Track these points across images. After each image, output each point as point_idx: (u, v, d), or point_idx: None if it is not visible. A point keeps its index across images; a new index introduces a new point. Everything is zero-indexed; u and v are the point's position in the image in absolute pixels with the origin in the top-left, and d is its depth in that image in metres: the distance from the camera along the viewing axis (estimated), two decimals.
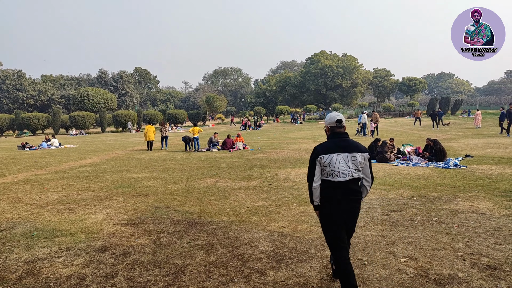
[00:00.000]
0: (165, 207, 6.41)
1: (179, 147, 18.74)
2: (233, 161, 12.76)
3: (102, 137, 35.66)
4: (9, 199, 7.37)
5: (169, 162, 13.06)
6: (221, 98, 68.06)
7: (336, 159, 3.01)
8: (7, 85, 62.66)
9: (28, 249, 4.46)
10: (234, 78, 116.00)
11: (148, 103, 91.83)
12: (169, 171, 10.72)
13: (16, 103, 62.38)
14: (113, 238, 4.83)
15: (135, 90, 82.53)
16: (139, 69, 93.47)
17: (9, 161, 14.94)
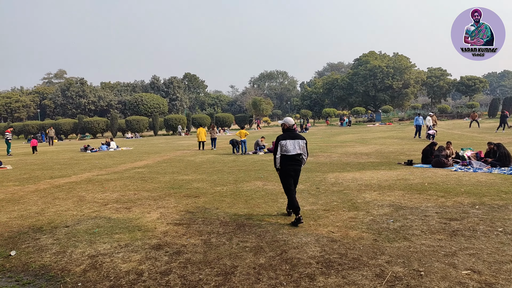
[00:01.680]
0: (215, 209, 6.57)
1: (226, 150, 19.13)
2: None
3: (155, 140, 37.44)
4: (74, 198, 7.99)
5: (217, 164, 13.38)
6: (267, 101, 68.46)
7: (288, 143, 5.63)
8: (71, 92, 68.09)
9: (91, 245, 4.80)
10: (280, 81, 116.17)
11: (197, 107, 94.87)
12: (218, 173, 10.97)
13: (79, 109, 67.54)
14: (167, 237, 5.05)
15: (185, 94, 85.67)
16: (188, 74, 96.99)
17: (73, 162, 16.20)
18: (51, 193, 8.57)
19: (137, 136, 45.46)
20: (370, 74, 58.50)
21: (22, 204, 7.45)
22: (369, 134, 29.68)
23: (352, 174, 9.78)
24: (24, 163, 16.11)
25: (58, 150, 25.83)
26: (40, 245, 4.83)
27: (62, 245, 4.80)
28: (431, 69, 63.79)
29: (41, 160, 17.66)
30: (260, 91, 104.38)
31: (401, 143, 19.42)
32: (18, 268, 4.09)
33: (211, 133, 21.18)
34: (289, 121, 5.94)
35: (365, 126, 46.11)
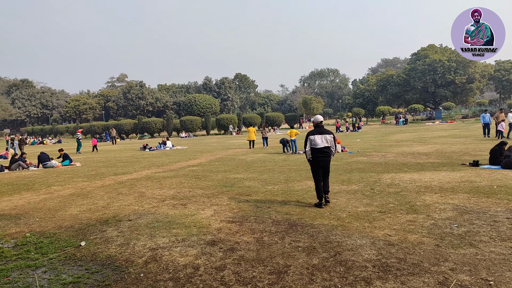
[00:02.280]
0: (266, 207, 6.61)
1: (277, 149, 19.17)
2: (331, 164, 12.44)
3: (207, 139, 38.61)
4: (135, 193, 8.52)
5: (268, 163, 13.45)
6: (318, 100, 67.41)
7: (316, 137, 6.50)
8: (131, 94, 72.58)
9: (151, 238, 5.08)
10: (331, 79, 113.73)
11: (247, 106, 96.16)
12: (269, 172, 11.03)
13: (138, 110, 71.77)
14: (221, 233, 5.19)
15: (236, 94, 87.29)
16: (239, 74, 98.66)
17: (133, 160, 17.26)
18: (115, 189, 9.22)
19: (191, 135, 47.21)
20: (429, 69, 55.08)
21: (90, 199, 8.10)
22: (428, 132, 27.97)
23: (409, 175, 9.30)
24: (91, 161, 17.49)
25: (120, 148, 27.68)
26: (106, 237, 5.22)
27: (125, 238, 5.14)
28: (499, 62, 58.55)
29: (105, 158, 19.05)
30: (311, 89, 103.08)
31: (465, 142, 18.05)
32: (87, 258, 4.45)
33: (262, 132, 21.88)
34: (318, 118, 6.88)
35: (424, 125, 43.54)
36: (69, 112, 75.97)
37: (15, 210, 7.28)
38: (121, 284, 3.66)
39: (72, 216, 6.57)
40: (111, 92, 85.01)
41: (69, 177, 11.95)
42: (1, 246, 5.02)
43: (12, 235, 5.54)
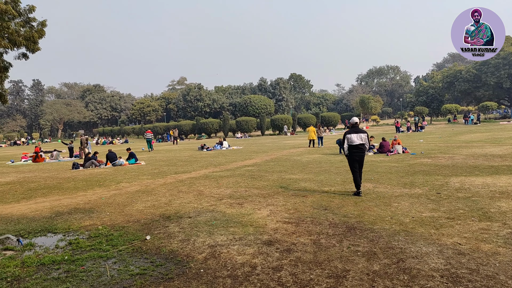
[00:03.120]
0: (323, 209, 6.49)
1: (333, 150, 18.74)
2: (392, 165, 11.91)
3: (262, 139, 38.97)
4: (194, 192, 8.87)
5: (324, 164, 13.20)
6: (376, 98, 64.68)
7: (353, 136, 7.56)
8: (190, 96, 75.75)
9: (210, 235, 5.25)
10: (391, 77, 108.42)
11: (302, 106, 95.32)
12: (325, 174, 10.82)
13: (196, 111, 74.69)
14: (277, 234, 5.20)
15: (290, 95, 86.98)
16: (294, 75, 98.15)
17: (192, 159, 18.00)
18: (176, 187, 9.68)
19: (246, 136, 47.99)
20: (504, 63, 50.08)
21: (154, 195, 8.59)
22: (503, 133, 25.43)
23: (482, 179, 8.53)
24: (154, 160, 18.56)
25: (180, 148, 29.03)
26: (169, 232, 5.49)
27: (186, 234, 5.37)
28: None
29: (167, 157, 20.10)
30: (368, 88, 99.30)
31: None
32: (152, 251, 4.72)
33: (317, 132, 22.23)
34: (353, 120, 7.96)
35: (497, 124, 39.69)
36: (135, 114, 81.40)
37: (89, 204, 7.97)
38: (183, 278, 3.82)
39: (138, 211, 7.02)
40: (171, 95, 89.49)
41: (135, 174, 12.79)
42: (77, 237, 5.52)
43: (86, 227, 6.06)
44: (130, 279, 3.87)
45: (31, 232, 5.88)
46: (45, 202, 8.47)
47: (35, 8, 10.94)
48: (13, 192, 10.20)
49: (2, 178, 13.48)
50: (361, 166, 7.71)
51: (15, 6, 10.42)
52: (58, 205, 7.95)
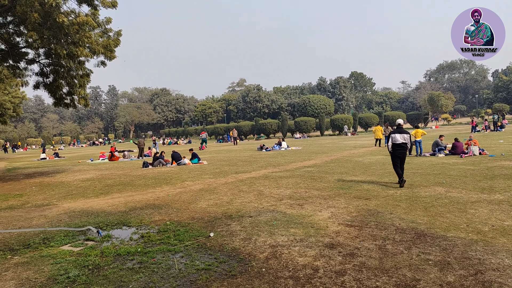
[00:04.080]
0: (388, 213, 6.19)
1: None
2: (467, 168, 10.96)
3: (321, 140, 38.29)
4: (254, 191, 9.00)
5: (388, 166, 12.58)
6: (447, 96, 59.94)
7: (397, 135, 8.71)
8: (249, 97, 77.12)
9: (271, 235, 5.28)
10: (465, 71, 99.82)
11: (364, 106, 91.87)
12: (389, 176, 10.31)
13: (255, 112, 75.79)
14: (339, 237, 5.07)
15: (351, 94, 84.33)
16: (354, 73, 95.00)
17: (252, 159, 18.29)
18: (236, 186, 9.92)
19: (305, 136, 47.51)
20: None
21: (216, 194, 8.89)
22: None
23: None
24: (216, 160, 19.21)
25: (239, 148, 29.68)
26: (231, 231, 5.64)
27: (247, 233, 5.47)
28: None
29: (227, 157, 20.69)
30: (438, 84, 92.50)
31: None
32: (215, 248, 4.88)
33: (384, 131, 22.10)
34: (398, 121, 9.27)
35: None
36: (197, 115, 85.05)
37: (157, 200, 8.50)
38: (246, 276, 3.90)
39: (202, 209, 7.32)
40: (231, 96, 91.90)
41: (198, 174, 13.36)
42: (148, 231, 5.92)
43: (156, 222, 6.47)
44: (196, 273, 4.05)
45: (109, 224, 6.43)
46: (120, 197, 9.21)
47: (111, 20, 12.00)
48: (93, 188, 11.25)
49: (83, 175, 14.94)
50: (402, 162, 8.92)
51: (94, 18, 11.50)
52: (131, 201, 8.60)
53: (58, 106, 14.12)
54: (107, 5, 11.51)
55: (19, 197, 10.10)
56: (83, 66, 12.65)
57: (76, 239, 5.63)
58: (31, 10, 9.55)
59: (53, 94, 13.46)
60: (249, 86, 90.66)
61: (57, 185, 12.38)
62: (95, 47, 11.31)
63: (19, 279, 4.11)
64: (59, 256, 4.82)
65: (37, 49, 12.39)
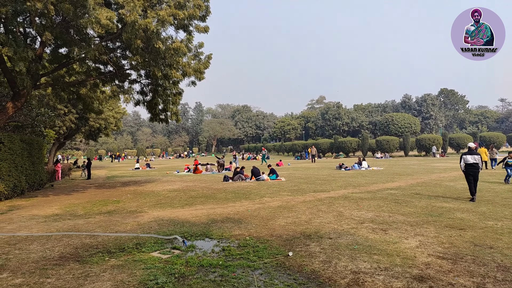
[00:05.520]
0: (488, 247, 5.50)
1: (497, 177, 15.74)
2: None
3: (405, 160, 35.78)
4: (334, 212, 8.76)
5: (485, 193, 11.23)
6: None
7: (468, 156, 10.15)
8: (328, 115, 76.06)
9: (352, 260, 5.07)
10: None
11: (455, 125, 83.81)
12: (487, 204, 9.19)
13: (335, 130, 74.28)
14: (429, 269, 4.65)
15: (440, 112, 77.75)
16: (444, 90, 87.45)
17: (330, 178, 17.87)
18: (315, 205, 9.77)
19: (387, 156, 44.90)
20: None
21: (294, 212, 8.86)
22: None
23: None
24: (293, 177, 19.20)
25: (317, 166, 29.24)
26: (310, 251, 5.56)
27: (327, 255, 5.33)
28: None
29: (305, 175, 20.53)
30: None
31: None
32: (294, 268, 4.85)
33: (489, 153, 21.86)
34: (469, 145, 10.46)
35: None
36: (276, 132, 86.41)
37: (237, 215, 8.78)
38: None
39: (280, 226, 7.36)
40: (310, 113, 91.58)
41: (276, 190, 13.49)
42: (228, 244, 6.13)
43: (236, 236, 6.68)
44: None
45: (193, 235, 6.84)
46: (203, 209, 9.75)
47: (203, 44, 13.06)
48: (179, 198, 12.10)
49: (171, 186, 16.17)
50: (476, 180, 10.09)
51: (188, 43, 12.63)
52: (213, 213, 9.03)
53: (153, 121, 15.68)
54: (201, 30, 12.58)
55: (116, 203, 11.32)
56: (177, 86, 13.91)
57: (164, 247, 6.08)
58: (135, 37, 10.86)
59: (151, 110, 15.00)
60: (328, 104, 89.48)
61: (148, 193, 13.59)
62: (186, 69, 12.41)
63: (114, 281, 4.55)
64: (149, 262, 5.25)
65: (139, 71, 13.99)
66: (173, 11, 11.11)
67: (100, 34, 11.27)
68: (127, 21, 10.47)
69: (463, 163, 10.19)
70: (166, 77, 12.57)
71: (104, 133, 33.33)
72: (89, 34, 11.80)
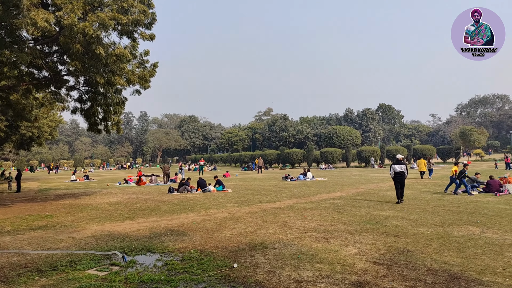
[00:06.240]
0: (419, 253, 5.92)
1: (429, 187, 17.13)
2: (503, 208, 10.40)
3: (347, 171, 37.61)
4: (279, 222, 8.89)
5: (418, 202, 12.15)
6: (480, 130, 57.93)
7: (396, 166, 12.04)
8: (276, 126, 77.65)
9: (296, 269, 5.16)
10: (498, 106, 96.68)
11: (392, 138, 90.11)
12: (419, 212, 9.94)
13: (281, 141, 75.96)
14: (367, 275, 4.88)
15: (378, 126, 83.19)
16: (382, 105, 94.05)
17: (276, 189, 18.17)
18: (261, 216, 9.84)
19: (330, 167, 46.87)
20: None
21: (240, 223, 8.84)
22: None
23: None
24: (240, 188, 19.22)
25: (264, 177, 29.59)
26: (255, 262, 5.56)
27: (272, 265, 5.37)
28: None
29: (252, 186, 20.65)
30: (470, 119, 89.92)
31: None
32: (239, 280, 4.81)
33: (428, 164, 23.60)
34: (397, 156, 12.49)
35: None
36: (223, 143, 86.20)
37: (182, 227, 8.54)
38: None
39: (226, 238, 7.29)
40: (258, 125, 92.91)
41: (222, 201, 13.39)
42: (172, 258, 5.93)
43: (180, 249, 6.49)
44: None
45: (134, 250, 6.51)
46: (145, 222, 9.35)
47: (149, 52, 12.70)
48: (120, 211, 11.49)
49: (111, 198, 15.32)
50: (402, 186, 11.95)
51: (133, 50, 12.22)
52: (156, 226, 8.69)
53: (91, 131, 14.81)
54: (146, 37, 12.22)
55: (49, 218, 10.45)
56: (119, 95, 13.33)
57: (101, 263, 5.72)
58: (74, 41, 10.26)
59: (89, 119, 14.17)
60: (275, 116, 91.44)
61: (85, 207, 12.74)
62: (131, 77, 11.96)
63: None
64: (84, 280, 4.90)
65: (78, 77, 13.21)
66: (115, 15, 10.65)
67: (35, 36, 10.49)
68: (65, 24, 9.87)
69: (392, 171, 12.02)
70: (109, 83, 12.00)
71: (37, 142, 30.81)
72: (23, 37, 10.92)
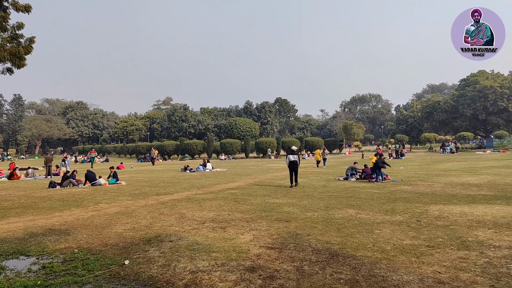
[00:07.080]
0: (306, 235, 6.48)
1: (318, 175, 18.84)
2: (374, 192, 12.08)
3: (246, 162, 38.93)
4: (176, 214, 8.71)
5: (307, 189, 13.26)
6: (359, 125, 66.15)
7: (290, 156, 14.26)
8: (175, 117, 75.64)
9: (192, 261, 5.13)
10: (373, 104, 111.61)
11: (287, 130, 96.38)
12: (308, 199, 10.86)
13: (181, 132, 74.41)
14: (260, 260, 5.13)
15: (275, 119, 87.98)
16: (279, 99, 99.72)
17: (175, 181, 17.76)
18: (157, 209, 9.49)
19: (230, 158, 47.84)
20: (479, 96, 52.46)
21: (134, 218, 8.38)
22: (478, 162, 26.30)
23: (459, 208, 8.73)
24: (135, 180, 18.21)
25: (162, 169, 28.63)
26: (149, 257, 5.34)
27: (167, 259, 5.24)
28: None
29: (149, 178, 19.77)
30: (351, 115, 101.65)
31: None
32: (130, 277, 4.57)
33: (322, 154, 26.37)
34: (292, 148, 14.80)
35: (474, 154, 41.06)
36: (118, 132, 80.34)
37: (65, 225, 7.70)
38: None
39: (117, 234, 6.83)
40: (156, 114, 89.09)
41: (115, 195, 12.50)
42: (51, 260, 5.30)
43: (61, 250, 5.84)
44: None
45: (2, 254, 5.62)
46: (18, 222, 8.14)
47: (23, 25, 10.90)
48: None
49: None
50: (296, 172, 14.08)
51: (3, 21, 10.35)
52: (32, 226, 7.65)
53: None
54: (20, 8, 10.43)
55: None
56: None
57: None
58: None
59: None
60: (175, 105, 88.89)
61: None
62: (0, 53, 10.11)
63: None
64: None
65: None
66: None
67: None
68: None
69: (288, 160, 14.13)
70: None
71: None
72: None
